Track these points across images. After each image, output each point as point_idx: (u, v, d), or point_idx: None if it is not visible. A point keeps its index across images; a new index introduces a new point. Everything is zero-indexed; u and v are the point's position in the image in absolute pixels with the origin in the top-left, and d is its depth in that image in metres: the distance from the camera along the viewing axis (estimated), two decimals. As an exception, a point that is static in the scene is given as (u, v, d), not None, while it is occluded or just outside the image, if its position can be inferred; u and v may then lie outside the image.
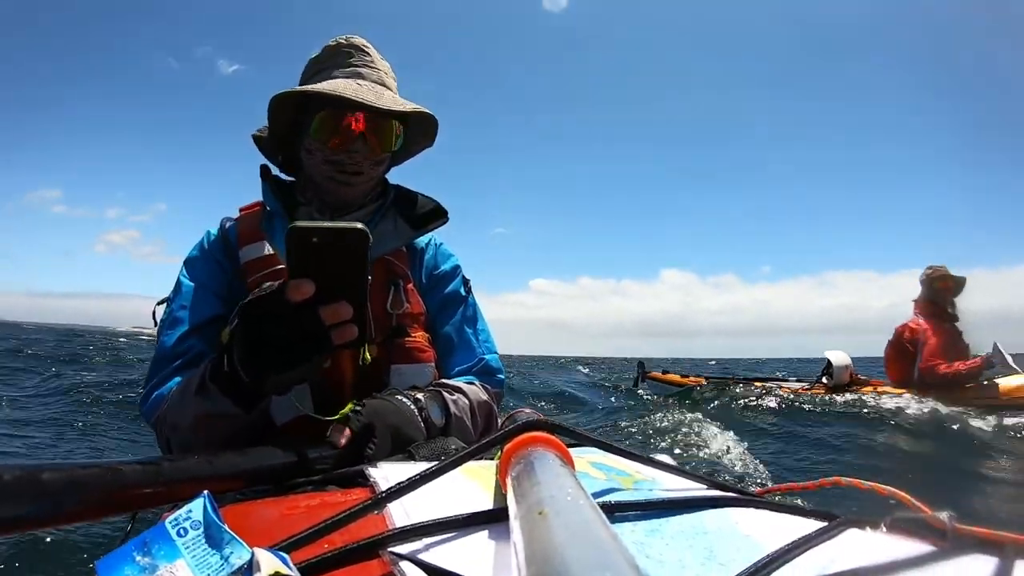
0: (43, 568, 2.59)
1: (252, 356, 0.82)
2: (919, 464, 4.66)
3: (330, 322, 0.77)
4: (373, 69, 1.22)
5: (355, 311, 0.79)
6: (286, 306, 0.76)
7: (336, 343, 0.79)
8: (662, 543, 0.50)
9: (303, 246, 0.75)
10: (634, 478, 0.69)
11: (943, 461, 4.61)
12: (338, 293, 0.77)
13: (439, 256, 1.38)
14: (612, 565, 0.28)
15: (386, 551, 0.47)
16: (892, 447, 4.94)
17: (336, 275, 0.77)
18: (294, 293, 0.75)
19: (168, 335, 1.14)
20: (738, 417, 6.16)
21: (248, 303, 0.81)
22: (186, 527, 0.42)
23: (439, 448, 0.87)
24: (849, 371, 7.15)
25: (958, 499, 3.63)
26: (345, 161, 1.17)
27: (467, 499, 0.57)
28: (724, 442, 4.77)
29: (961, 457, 4.60)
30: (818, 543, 0.51)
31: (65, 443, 4.83)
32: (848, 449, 4.80)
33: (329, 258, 0.76)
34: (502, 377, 1.35)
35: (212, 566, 0.40)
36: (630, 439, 5.36)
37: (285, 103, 1.19)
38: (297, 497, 0.67)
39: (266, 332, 0.79)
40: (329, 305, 0.77)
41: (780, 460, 4.47)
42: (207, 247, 1.25)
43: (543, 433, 0.53)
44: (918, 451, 4.89)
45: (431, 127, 1.30)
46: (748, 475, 3.98)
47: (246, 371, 0.83)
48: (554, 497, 0.38)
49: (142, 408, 1.12)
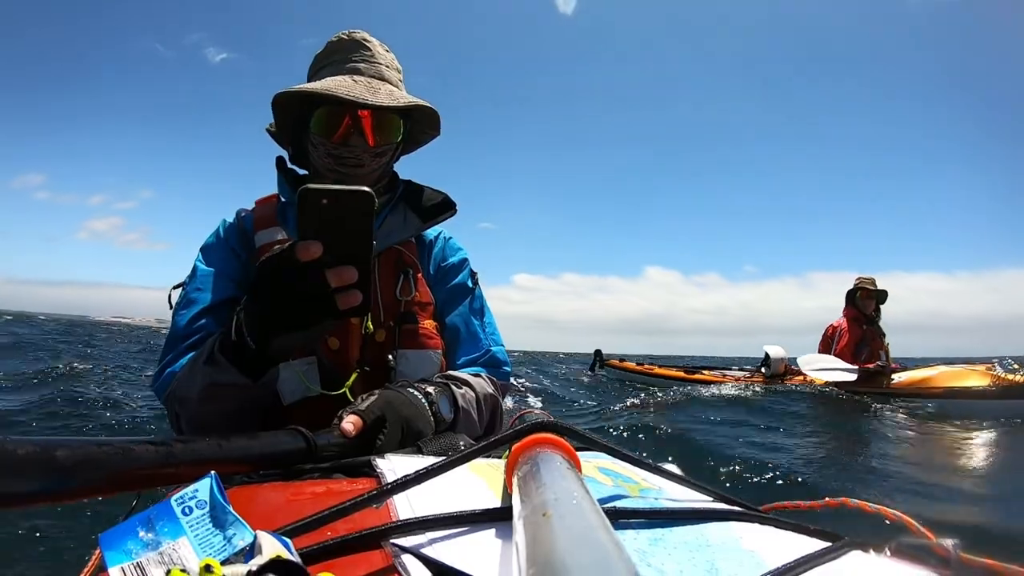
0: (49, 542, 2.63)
1: (259, 315, 0.85)
2: (828, 431, 6.10)
3: (335, 285, 0.80)
4: (372, 64, 1.25)
5: (360, 277, 0.81)
6: (294, 265, 0.78)
7: (341, 308, 0.81)
8: (664, 553, 0.50)
9: (313, 207, 0.78)
10: (640, 486, 0.68)
11: (845, 430, 6.18)
12: (344, 257, 0.80)
13: (448, 249, 1.41)
14: (613, 571, 0.28)
15: (389, 543, 0.47)
16: (811, 419, 6.59)
17: (343, 239, 0.79)
18: (303, 253, 0.77)
19: (182, 315, 1.17)
20: (685, 404, 7.30)
21: (260, 262, 0.84)
22: (191, 506, 0.43)
23: (447, 443, 0.87)
24: (784, 363, 9.22)
25: (851, 448, 5.30)
26: (345, 154, 1.20)
27: (472, 496, 0.57)
28: (671, 424, 5.64)
29: (858, 424, 6.36)
30: (821, 563, 0.50)
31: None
32: (775, 427, 5.93)
33: (337, 221, 0.79)
34: (508, 369, 1.37)
35: (214, 546, 0.41)
36: (592, 415, 6.77)
37: (286, 102, 1.23)
38: (303, 484, 0.67)
39: (273, 291, 0.82)
40: (335, 268, 0.79)
41: (715, 438, 5.25)
42: (223, 234, 1.29)
43: (552, 435, 0.53)
44: (829, 422, 6.54)
45: (435, 118, 1.32)
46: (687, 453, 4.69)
47: (252, 333, 0.86)
48: (559, 500, 0.38)
49: (154, 385, 1.14)
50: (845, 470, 4.48)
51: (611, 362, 12.51)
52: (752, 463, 4.21)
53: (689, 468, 3.96)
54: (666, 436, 5.12)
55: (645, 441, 5.03)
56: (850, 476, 4.27)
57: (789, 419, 6.36)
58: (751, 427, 5.83)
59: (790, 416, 6.53)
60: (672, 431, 5.25)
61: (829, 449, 5.26)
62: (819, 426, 6.27)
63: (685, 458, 4.30)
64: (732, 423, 5.98)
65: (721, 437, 5.22)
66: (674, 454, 4.42)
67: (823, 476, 4.10)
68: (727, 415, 6.40)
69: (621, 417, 6.37)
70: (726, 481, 3.93)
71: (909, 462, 4.75)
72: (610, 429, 5.44)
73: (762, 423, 6.02)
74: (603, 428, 5.61)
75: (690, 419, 6.10)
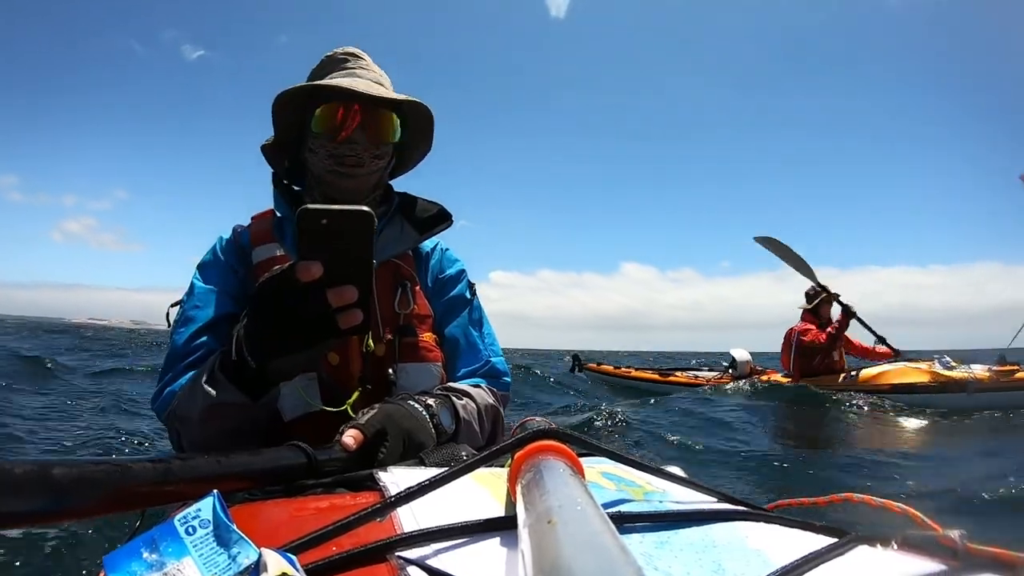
0: (51, 563, 2.61)
1: (260, 336, 0.84)
2: (792, 419, 7.31)
3: (336, 305, 0.80)
4: (368, 70, 1.27)
5: (360, 296, 0.81)
6: (295, 286, 0.78)
7: (342, 327, 0.81)
8: (671, 555, 0.50)
9: (313, 227, 0.78)
10: (644, 489, 0.68)
11: (808, 417, 7.29)
12: (345, 276, 0.79)
13: (445, 261, 1.41)
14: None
15: (394, 555, 0.47)
16: (775, 412, 7.69)
17: (343, 258, 0.79)
18: (303, 273, 0.77)
19: (180, 333, 1.17)
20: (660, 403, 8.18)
21: (260, 283, 0.84)
22: (195, 525, 0.42)
23: (449, 454, 0.87)
24: (749, 364, 10.12)
25: (821, 431, 6.51)
26: (346, 153, 1.20)
27: (476, 506, 0.57)
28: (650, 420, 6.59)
29: (821, 415, 7.32)
30: (828, 559, 0.50)
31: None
32: (739, 422, 6.73)
33: (337, 240, 0.79)
34: (508, 380, 1.37)
35: (219, 565, 0.40)
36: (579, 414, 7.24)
37: (287, 106, 1.23)
38: (306, 499, 0.67)
39: (274, 312, 0.82)
40: (336, 288, 0.79)
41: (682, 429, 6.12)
42: (220, 251, 1.29)
43: (554, 442, 0.53)
44: (793, 414, 7.54)
45: (428, 125, 1.33)
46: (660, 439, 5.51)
47: (253, 354, 0.86)
48: (563, 506, 0.38)
49: (154, 405, 1.14)
50: (819, 458, 5.16)
51: (589, 366, 13.14)
52: (739, 457, 4.90)
53: (688, 469, 4.23)
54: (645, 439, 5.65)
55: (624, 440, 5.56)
56: (825, 462, 4.96)
57: (757, 414, 7.32)
58: (725, 425, 6.58)
59: (756, 411, 7.52)
60: (652, 433, 5.86)
61: (805, 440, 6.18)
62: (788, 422, 7.24)
63: (678, 460, 4.59)
64: (715, 422, 6.73)
65: (710, 437, 5.81)
66: (660, 454, 4.94)
67: (802, 465, 4.74)
68: (705, 413, 7.21)
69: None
70: (724, 479, 4.19)
71: (872, 447, 5.63)
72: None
73: (739, 419, 6.85)
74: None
75: (669, 422, 6.71)
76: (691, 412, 7.21)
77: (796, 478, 4.37)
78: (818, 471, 4.52)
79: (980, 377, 7.66)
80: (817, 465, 4.78)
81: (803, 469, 4.60)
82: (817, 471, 4.52)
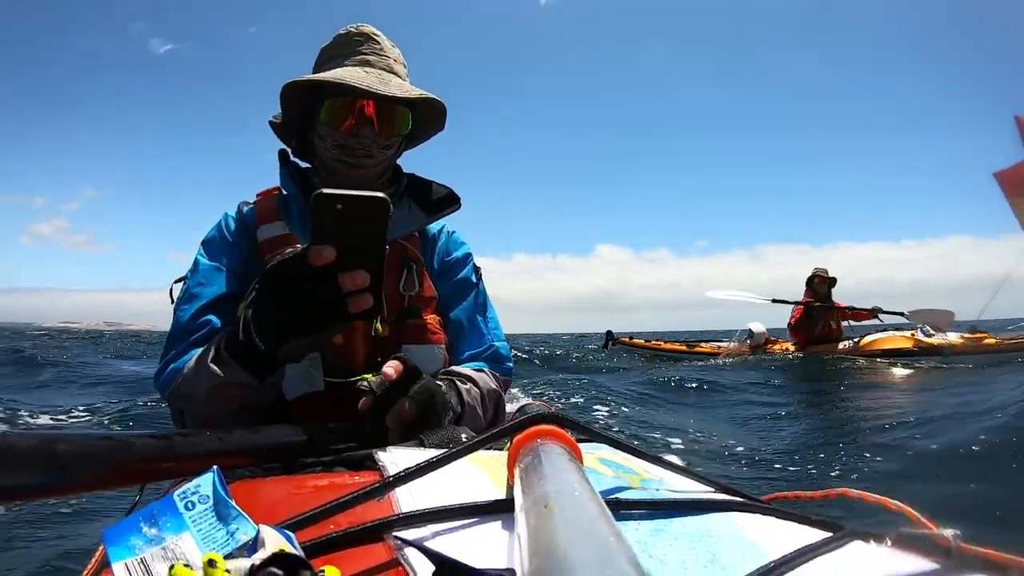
0: (52, 536, 2.63)
1: (270, 319, 0.84)
2: (805, 381, 8.70)
3: (348, 289, 0.80)
4: (382, 56, 1.24)
5: (372, 281, 0.81)
6: (307, 270, 0.78)
7: (352, 311, 0.81)
8: (666, 543, 0.50)
9: (327, 212, 0.77)
10: (641, 477, 0.68)
11: (819, 380, 8.61)
12: (357, 261, 0.79)
13: (451, 243, 1.41)
14: (614, 562, 0.28)
15: (391, 535, 0.47)
16: (791, 378, 8.99)
17: (356, 243, 0.79)
18: (316, 257, 0.77)
19: (184, 310, 1.16)
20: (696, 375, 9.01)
21: (271, 266, 0.84)
22: (194, 501, 0.43)
23: (448, 436, 0.87)
24: (765, 336, 11.73)
25: (826, 397, 7.24)
26: (354, 145, 1.18)
27: (474, 488, 0.57)
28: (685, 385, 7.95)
29: (830, 379, 8.57)
30: (822, 553, 0.51)
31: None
32: (761, 384, 8.21)
33: (351, 226, 0.78)
34: (511, 365, 1.37)
35: (217, 540, 0.41)
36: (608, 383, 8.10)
37: (295, 91, 1.21)
38: (305, 477, 0.68)
39: (285, 296, 0.81)
40: (348, 272, 0.79)
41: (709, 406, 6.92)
42: (224, 228, 1.28)
43: (553, 426, 0.53)
44: (804, 378, 8.96)
45: (440, 112, 1.31)
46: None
47: (262, 337, 0.85)
48: (560, 491, 0.38)
49: (157, 381, 1.14)
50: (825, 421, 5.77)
51: (622, 340, 14.46)
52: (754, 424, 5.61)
53: (687, 454, 4.33)
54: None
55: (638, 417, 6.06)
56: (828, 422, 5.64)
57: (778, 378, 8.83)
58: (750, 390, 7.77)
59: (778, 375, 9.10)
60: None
61: (816, 404, 6.94)
62: (803, 384, 8.56)
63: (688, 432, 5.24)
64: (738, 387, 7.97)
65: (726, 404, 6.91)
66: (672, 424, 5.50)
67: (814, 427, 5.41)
68: (732, 379, 8.54)
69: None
70: (726, 460, 4.30)
71: (867, 402, 6.63)
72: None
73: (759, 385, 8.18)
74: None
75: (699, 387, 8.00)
76: (703, 380, 8.36)
77: (798, 436, 4.93)
78: (815, 428, 5.27)
79: (954, 343, 9.55)
80: (817, 423, 5.56)
81: (805, 428, 5.30)
82: (815, 428, 5.27)
